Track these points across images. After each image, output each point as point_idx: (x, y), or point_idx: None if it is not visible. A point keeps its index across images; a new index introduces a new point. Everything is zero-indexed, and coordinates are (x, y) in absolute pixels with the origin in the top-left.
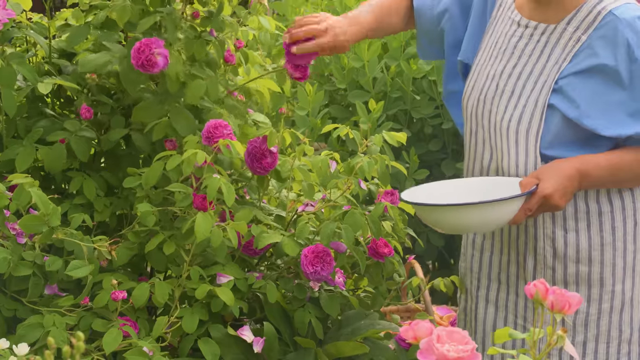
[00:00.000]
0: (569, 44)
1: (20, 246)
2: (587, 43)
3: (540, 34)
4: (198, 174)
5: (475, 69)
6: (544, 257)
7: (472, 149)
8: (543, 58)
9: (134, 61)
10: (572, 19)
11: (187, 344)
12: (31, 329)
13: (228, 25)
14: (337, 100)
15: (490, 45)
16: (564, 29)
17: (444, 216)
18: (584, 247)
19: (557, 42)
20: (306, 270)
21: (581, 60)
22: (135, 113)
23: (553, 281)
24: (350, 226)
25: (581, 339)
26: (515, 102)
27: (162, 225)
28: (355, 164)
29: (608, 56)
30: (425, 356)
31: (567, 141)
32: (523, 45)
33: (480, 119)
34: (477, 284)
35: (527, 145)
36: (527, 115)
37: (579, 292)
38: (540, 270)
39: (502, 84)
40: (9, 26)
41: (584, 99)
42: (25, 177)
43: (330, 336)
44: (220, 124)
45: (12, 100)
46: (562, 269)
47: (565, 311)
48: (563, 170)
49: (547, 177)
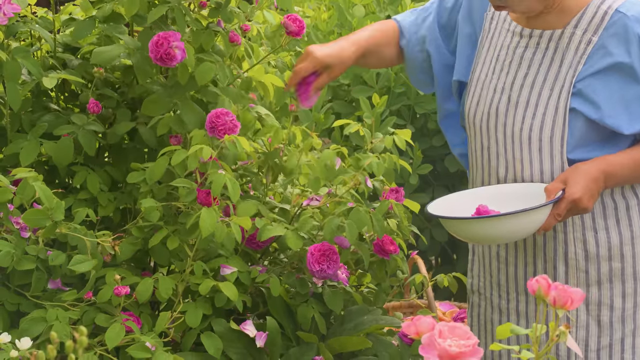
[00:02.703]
0: (580, 46)
1: (23, 240)
2: (599, 44)
3: (548, 41)
4: (203, 169)
5: (476, 84)
6: (576, 261)
7: (484, 164)
8: (555, 64)
9: (152, 54)
10: (578, 22)
11: (190, 338)
12: (34, 323)
13: (236, 16)
14: (341, 95)
15: (490, 59)
16: (572, 33)
17: (473, 229)
18: (615, 244)
19: (567, 47)
20: (312, 268)
21: (596, 61)
22: (145, 106)
23: (587, 283)
24: (355, 222)
25: (619, 336)
26: (532, 111)
27: (165, 220)
28: (364, 162)
29: (622, 54)
30: (427, 351)
31: (590, 142)
32: (531, 54)
33: (493, 132)
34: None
35: (552, 151)
36: (548, 122)
37: (614, 289)
38: (573, 275)
39: (514, 95)
40: (14, 20)
41: (604, 99)
42: (30, 172)
43: (333, 331)
44: (222, 112)
45: (16, 95)
46: (595, 270)
47: (567, 307)
48: (589, 173)
49: (573, 181)
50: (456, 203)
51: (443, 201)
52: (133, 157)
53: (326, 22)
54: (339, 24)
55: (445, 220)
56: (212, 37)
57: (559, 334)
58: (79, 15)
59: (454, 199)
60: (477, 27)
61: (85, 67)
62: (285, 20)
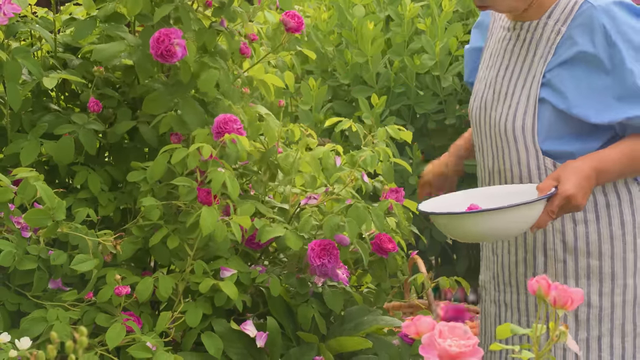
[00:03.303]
0: (551, 36)
1: (24, 240)
2: (567, 34)
3: (526, 32)
4: (203, 168)
5: (477, 81)
6: (555, 252)
7: (480, 158)
8: (530, 54)
9: (153, 51)
10: (552, 13)
11: (191, 338)
12: (35, 323)
13: (239, 15)
14: (341, 95)
15: (488, 56)
16: (545, 23)
17: (465, 225)
18: (593, 240)
19: (540, 37)
20: (313, 263)
21: (563, 51)
22: (146, 104)
23: (564, 275)
24: (354, 219)
25: (596, 333)
26: (509, 102)
27: (166, 219)
28: (358, 157)
29: (586, 43)
30: (427, 351)
31: (563, 134)
32: (512, 46)
33: (483, 126)
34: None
35: (526, 141)
36: (520, 112)
37: (591, 286)
38: (552, 265)
39: (497, 87)
40: (14, 20)
41: (570, 89)
42: (30, 171)
43: (333, 331)
44: (230, 118)
45: (17, 95)
46: (573, 262)
47: (567, 307)
48: (581, 170)
49: (565, 178)
50: (448, 203)
51: (434, 201)
52: (134, 157)
53: (326, 22)
54: (339, 24)
55: (436, 217)
56: (215, 36)
57: (559, 334)
58: (79, 15)
59: (446, 198)
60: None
61: (85, 67)
62: (284, 16)
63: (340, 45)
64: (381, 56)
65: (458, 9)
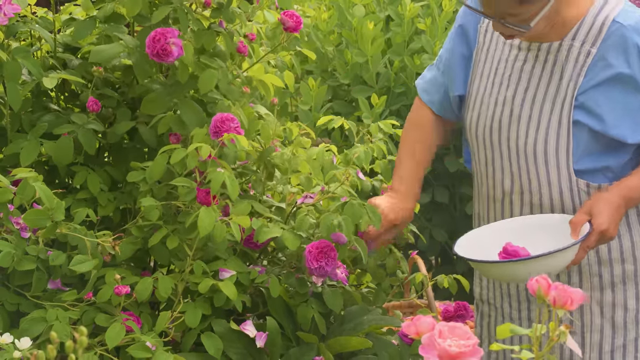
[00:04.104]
0: (580, 58)
1: (23, 240)
2: (598, 55)
3: (546, 53)
4: (202, 168)
5: (475, 97)
6: (590, 267)
7: (488, 177)
8: (555, 77)
9: (149, 50)
10: (576, 34)
11: (190, 338)
12: (34, 323)
13: (237, 16)
14: (341, 95)
15: (489, 72)
16: (570, 45)
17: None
18: (627, 248)
19: (566, 59)
20: (311, 266)
21: (597, 73)
22: (144, 105)
23: (600, 287)
24: (350, 217)
25: (633, 336)
26: (536, 125)
27: (165, 219)
28: (352, 155)
29: (621, 64)
30: (427, 351)
31: (594, 151)
32: (530, 67)
33: (497, 145)
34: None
35: (559, 163)
36: (553, 136)
37: (627, 290)
38: (587, 280)
39: (516, 109)
40: (14, 20)
41: (607, 111)
42: (30, 172)
43: (332, 331)
44: (228, 117)
45: (17, 95)
46: (608, 273)
47: (567, 307)
48: (612, 202)
49: (598, 212)
50: (481, 239)
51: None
52: (133, 157)
53: (326, 22)
54: (339, 24)
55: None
56: (214, 37)
57: (559, 334)
58: (79, 15)
59: (479, 234)
60: (472, 42)
61: (85, 67)
62: (283, 16)
63: (340, 45)
64: (381, 56)
65: (458, 8)
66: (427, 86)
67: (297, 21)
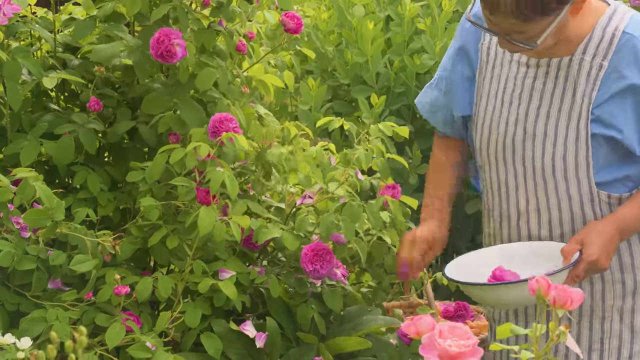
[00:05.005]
0: (592, 72)
1: (24, 240)
2: (611, 68)
3: (557, 69)
4: (201, 168)
5: (484, 117)
6: (612, 275)
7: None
8: (569, 92)
9: (153, 51)
10: (586, 48)
11: (190, 338)
12: (34, 323)
13: (237, 15)
14: (341, 95)
15: (496, 91)
16: (581, 59)
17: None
18: None
19: (578, 73)
20: (306, 268)
21: (610, 85)
22: (144, 104)
23: (623, 294)
24: (349, 217)
25: None
26: (552, 141)
27: (165, 219)
28: (351, 155)
29: (635, 76)
30: (427, 351)
31: (613, 162)
32: (541, 84)
33: (510, 165)
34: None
35: (579, 177)
36: (571, 150)
37: None
38: (610, 289)
39: (530, 127)
40: (14, 20)
41: (623, 123)
42: (30, 171)
43: (332, 331)
44: (226, 117)
45: (17, 94)
46: (632, 280)
47: (567, 307)
48: (605, 233)
49: (589, 242)
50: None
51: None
52: (133, 157)
53: (326, 22)
54: (339, 24)
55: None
56: (214, 36)
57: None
58: (79, 15)
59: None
60: (474, 62)
61: (85, 67)
62: (283, 17)
63: (340, 45)
64: (381, 56)
65: (458, 8)
66: (431, 108)
67: (298, 23)
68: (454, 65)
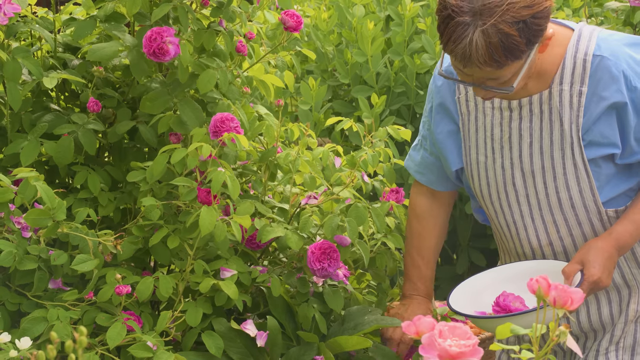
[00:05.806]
0: (574, 100)
1: (25, 240)
2: (590, 92)
3: (539, 104)
4: (202, 168)
5: (477, 168)
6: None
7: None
8: (556, 124)
9: (146, 49)
10: (562, 78)
11: (191, 337)
12: (35, 322)
13: (238, 15)
14: (341, 95)
15: (484, 141)
16: (560, 89)
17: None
18: None
19: (561, 104)
20: (313, 267)
21: (593, 110)
22: (143, 104)
23: None
24: (354, 219)
25: None
26: (552, 174)
27: (166, 219)
28: (358, 157)
29: (613, 94)
30: (427, 351)
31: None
32: (528, 123)
33: (515, 207)
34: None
35: (585, 203)
36: (572, 179)
37: None
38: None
39: (527, 166)
40: (14, 20)
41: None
42: (31, 171)
43: (333, 331)
44: (227, 117)
45: (17, 95)
46: None
47: (567, 307)
48: (604, 252)
49: (590, 261)
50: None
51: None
52: (133, 157)
53: (326, 22)
54: (339, 24)
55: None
56: (214, 36)
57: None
58: (79, 15)
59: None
60: (455, 116)
61: (85, 67)
62: (283, 15)
63: (340, 45)
64: (381, 56)
65: None
66: (420, 168)
67: (298, 21)
68: (436, 124)
